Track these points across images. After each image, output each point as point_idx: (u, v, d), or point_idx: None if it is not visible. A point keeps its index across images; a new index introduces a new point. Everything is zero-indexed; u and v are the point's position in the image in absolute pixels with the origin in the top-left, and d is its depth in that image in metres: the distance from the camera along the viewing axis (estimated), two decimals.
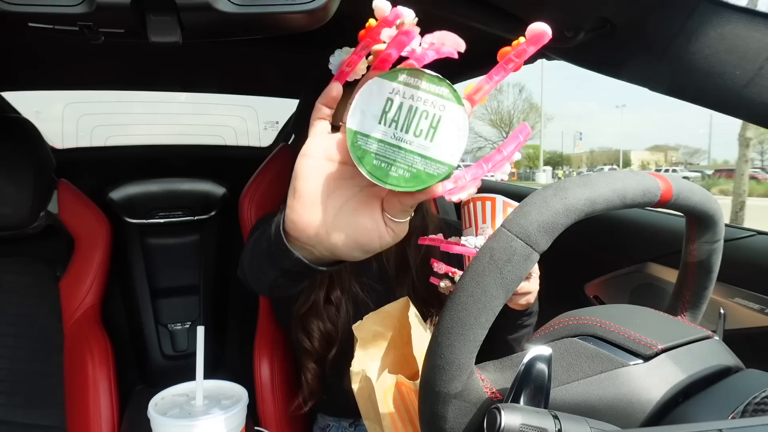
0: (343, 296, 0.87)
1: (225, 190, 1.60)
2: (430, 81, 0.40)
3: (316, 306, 0.87)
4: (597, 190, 0.41)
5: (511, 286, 0.40)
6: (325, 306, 0.87)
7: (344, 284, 0.88)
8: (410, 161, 0.41)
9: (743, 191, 7.65)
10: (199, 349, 0.56)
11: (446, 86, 0.40)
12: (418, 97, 0.40)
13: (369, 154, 0.41)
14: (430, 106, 0.40)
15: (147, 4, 0.41)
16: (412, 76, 0.41)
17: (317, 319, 0.87)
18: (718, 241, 0.52)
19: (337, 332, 0.87)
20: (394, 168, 0.41)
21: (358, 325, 0.77)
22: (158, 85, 1.64)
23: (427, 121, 0.40)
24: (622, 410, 0.40)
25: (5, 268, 1.09)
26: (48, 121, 3.23)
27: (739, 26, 0.59)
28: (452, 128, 0.40)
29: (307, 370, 0.93)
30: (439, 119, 0.40)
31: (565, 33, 0.73)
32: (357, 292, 0.88)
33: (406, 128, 0.41)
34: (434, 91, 0.40)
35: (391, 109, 0.41)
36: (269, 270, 0.54)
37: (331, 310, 0.87)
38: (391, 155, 0.41)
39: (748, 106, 0.61)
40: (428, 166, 0.40)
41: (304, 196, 0.44)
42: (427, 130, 0.40)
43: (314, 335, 0.88)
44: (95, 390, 1.01)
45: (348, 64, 0.44)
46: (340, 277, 0.88)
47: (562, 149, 45.77)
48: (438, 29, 0.42)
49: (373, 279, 0.90)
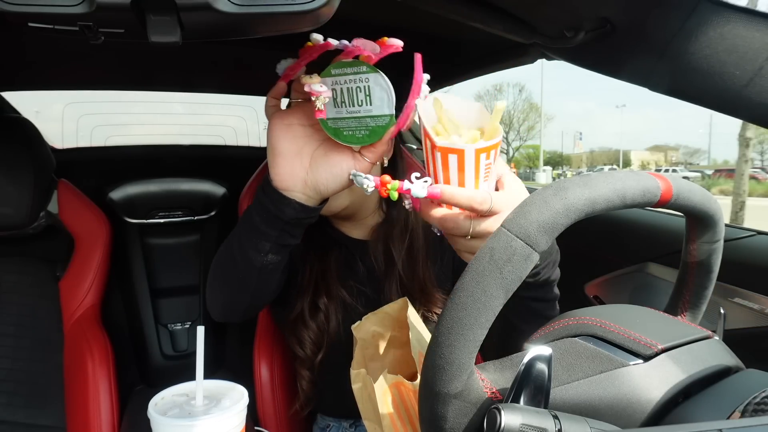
0: (330, 302, 0.87)
1: (225, 190, 1.60)
2: (351, 65, 0.57)
3: (304, 313, 0.87)
4: (597, 190, 0.41)
5: (511, 285, 0.40)
6: (313, 313, 0.87)
7: (331, 290, 0.87)
8: (365, 123, 0.58)
9: (743, 191, 7.66)
10: (199, 349, 0.56)
11: (362, 64, 0.56)
12: (349, 80, 0.57)
13: (339, 130, 0.60)
14: (359, 81, 0.57)
15: (147, 4, 0.41)
16: (339, 67, 0.58)
17: (306, 327, 0.87)
18: (718, 241, 0.52)
19: (328, 338, 0.87)
20: (358, 132, 0.59)
21: (357, 326, 0.77)
22: (158, 85, 1.64)
23: (362, 92, 0.57)
24: (622, 410, 0.41)
25: (5, 268, 1.09)
26: (48, 121, 3.23)
27: (739, 26, 0.59)
28: (379, 89, 0.56)
29: (302, 377, 0.92)
30: (369, 87, 0.56)
31: (565, 33, 0.73)
32: (344, 297, 0.87)
33: (352, 103, 0.58)
34: (357, 71, 0.57)
35: (337, 95, 0.59)
36: (264, 239, 0.63)
37: (320, 317, 0.86)
38: (352, 125, 0.59)
39: (748, 106, 0.61)
40: (377, 121, 0.57)
41: (283, 152, 0.61)
42: (365, 99, 0.57)
43: (305, 343, 0.87)
44: (95, 390, 1.01)
45: (291, 69, 0.62)
46: (326, 283, 0.87)
47: (562, 149, 45.80)
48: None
49: (360, 282, 0.89)
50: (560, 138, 48.42)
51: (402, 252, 0.88)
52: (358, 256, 0.91)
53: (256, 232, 0.63)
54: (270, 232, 0.63)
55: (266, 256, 0.64)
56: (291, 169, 0.61)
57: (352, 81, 0.57)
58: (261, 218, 0.62)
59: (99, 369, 1.02)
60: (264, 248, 0.63)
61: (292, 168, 0.61)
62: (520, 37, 0.78)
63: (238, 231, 0.66)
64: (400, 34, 1.11)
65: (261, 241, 0.63)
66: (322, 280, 0.88)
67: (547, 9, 0.71)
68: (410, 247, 0.88)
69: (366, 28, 1.03)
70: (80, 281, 1.10)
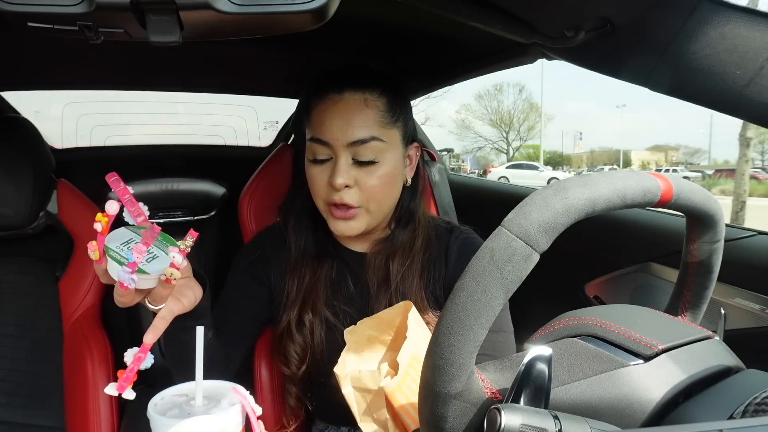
0: (315, 318, 0.86)
1: (225, 190, 1.61)
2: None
3: (291, 326, 0.86)
4: (597, 190, 0.41)
5: (512, 286, 0.40)
6: (299, 327, 0.87)
7: (317, 307, 0.87)
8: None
9: (744, 191, 7.65)
10: (199, 350, 0.56)
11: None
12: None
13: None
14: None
15: (146, 4, 0.41)
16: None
17: (293, 341, 0.87)
18: (718, 241, 0.52)
19: (312, 353, 0.87)
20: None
21: (351, 329, 0.76)
22: (158, 85, 1.64)
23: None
24: (622, 410, 0.40)
25: (5, 268, 1.09)
26: (47, 121, 3.23)
27: (740, 26, 0.59)
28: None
29: (290, 394, 0.92)
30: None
31: (565, 33, 0.73)
32: (328, 316, 0.86)
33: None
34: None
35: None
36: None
37: (305, 332, 0.86)
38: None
39: (748, 106, 0.61)
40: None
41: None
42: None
43: (291, 359, 0.87)
44: (95, 390, 1.01)
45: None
46: (311, 298, 0.87)
47: (562, 149, 45.82)
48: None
49: (346, 302, 0.88)
50: (560, 138, 48.47)
51: (400, 271, 0.86)
52: (354, 270, 0.90)
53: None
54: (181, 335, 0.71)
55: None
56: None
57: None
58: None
59: (99, 369, 1.02)
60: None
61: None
62: (520, 37, 0.78)
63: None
64: (400, 34, 1.11)
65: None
66: (309, 295, 0.87)
67: (547, 9, 0.71)
68: (408, 268, 0.87)
69: (366, 28, 1.03)
70: (80, 281, 1.10)
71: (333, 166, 0.79)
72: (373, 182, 0.79)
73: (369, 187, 0.79)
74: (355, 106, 0.79)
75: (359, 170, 0.79)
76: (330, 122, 0.79)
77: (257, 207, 1.09)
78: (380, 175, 0.80)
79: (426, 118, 23.45)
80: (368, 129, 0.78)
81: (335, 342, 0.81)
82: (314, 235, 0.91)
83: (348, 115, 0.78)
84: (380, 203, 0.82)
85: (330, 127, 0.78)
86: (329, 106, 0.80)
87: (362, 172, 0.79)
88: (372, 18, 0.95)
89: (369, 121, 0.79)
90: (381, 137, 0.79)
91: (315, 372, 0.88)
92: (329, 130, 0.79)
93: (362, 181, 0.79)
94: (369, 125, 0.79)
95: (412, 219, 0.89)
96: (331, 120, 0.79)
